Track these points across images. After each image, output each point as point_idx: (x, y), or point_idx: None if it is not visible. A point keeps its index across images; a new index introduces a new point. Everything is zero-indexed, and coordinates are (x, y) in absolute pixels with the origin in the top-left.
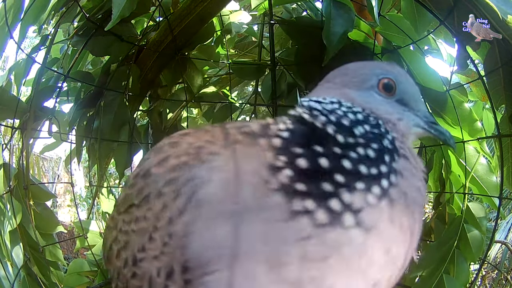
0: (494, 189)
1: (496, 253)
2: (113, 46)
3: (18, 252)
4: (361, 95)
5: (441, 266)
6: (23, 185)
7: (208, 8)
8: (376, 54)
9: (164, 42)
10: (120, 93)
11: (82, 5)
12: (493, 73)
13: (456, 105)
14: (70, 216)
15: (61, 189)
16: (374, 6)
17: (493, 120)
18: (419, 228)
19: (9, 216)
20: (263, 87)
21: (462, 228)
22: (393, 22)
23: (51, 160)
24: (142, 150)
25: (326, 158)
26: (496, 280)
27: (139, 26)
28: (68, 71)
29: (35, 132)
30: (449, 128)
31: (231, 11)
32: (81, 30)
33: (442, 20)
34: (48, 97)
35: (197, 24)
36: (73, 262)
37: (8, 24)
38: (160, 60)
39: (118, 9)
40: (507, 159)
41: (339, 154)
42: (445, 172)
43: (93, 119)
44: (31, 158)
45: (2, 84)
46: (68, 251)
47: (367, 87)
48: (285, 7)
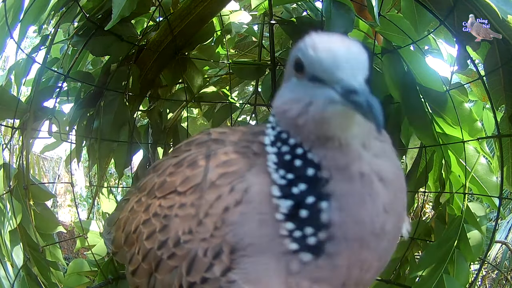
0: (494, 189)
1: (496, 253)
2: (113, 46)
3: (18, 252)
4: (288, 87)
5: (441, 266)
6: (23, 185)
7: (208, 8)
8: (376, 54)
9: (164, 42)
10: (120, 93)
11: (82, 5)
12: (493, 73)
13: (456, 105)
14: (70, 216)
15: (61, 189)
16: (374, 6)
17: (493, 120)
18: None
19: (9, 216)
20: (263, 87)
21: (462, 228)
22: (393, 22)
23: (52, 160)
24: (142, 150)
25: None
26: (496, 280)
27: (139, 26)
28: (68, 71)
29: (35, 132)
30: (449, 128)
31: (231, 11)
32: (81, 30)
33: (442, 20)
34: (48, 97)
35: (197, 24)
36: (73, 262)
37: (8, 24)
38: (160, 60)
39: (118, 9)
40: (507, 159)
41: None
42: (445, 172)
43: (93, 119)
44: (32, 158)
45: (2, 84)
46: (68, 251)
47: (291, 73)
48: (285, 7)
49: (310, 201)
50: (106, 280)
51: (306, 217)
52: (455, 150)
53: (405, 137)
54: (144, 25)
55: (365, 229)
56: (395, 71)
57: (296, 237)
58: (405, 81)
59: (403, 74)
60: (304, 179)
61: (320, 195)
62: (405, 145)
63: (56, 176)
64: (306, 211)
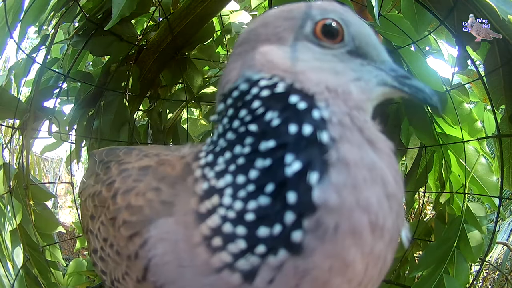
0: (494, 189)
1: (498, 255)
2: (113, 46)
3: (18, 252)
4: (288, 52)
5: (441, 266)
6: (23, 185)
7: (208, 8)
8: None
9: (164, 42)
10: (120, 93)
11: (82, 5)
12: (493, 73)
13: (456, 105)
14: (71, 217)
15: (62, 190)
16: (374, 6)
17: (493, 121)
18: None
19: (9, 216)
20: None
21: (462, 228)
22: (393, 22)
23: (52, 161)
24: None
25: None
26: (497, 281)
27: (139, 26)
28: (68, 71)
29: (35, 132)
30: (449, 128)
31: (231, 11)
32: (81, 30)
33: (442, 20)
34: (48, 97)
35: (197, 24)
36: (73, 262)
37: (8, 24)
38: (160, 60)
39: (118, 9)
40: (507, 159)
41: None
42: (445, 172)
43: (93, 119)
44: (32, 159)
45: (2, 84)
46: (68, 252)
47: (298, 37)
48: None
49: (295, 169)
50: None
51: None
52: (455, 150)
53: (405, 137)
54: (144, 25)
55: (367, 216)
56: None
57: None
58: None
59: None
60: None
61: (312, 163)
62: (405, 145)
63: (57, 177)
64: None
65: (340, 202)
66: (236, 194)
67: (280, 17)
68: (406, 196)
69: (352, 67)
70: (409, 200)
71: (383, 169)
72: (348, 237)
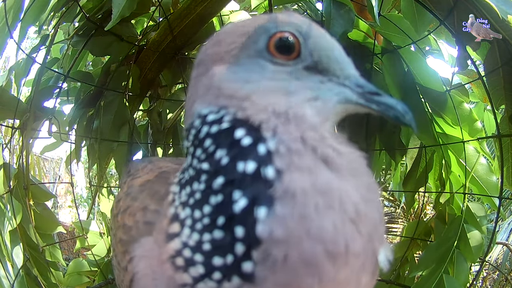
0: (494, 189)
1: (497, 255)
2: (113, 46)
3: (18, 252)
4: (236, 73)
5: (441, 266)
6: (23, 185)
7: (208, 8)
8: (376, 54)
9: (164, 42)
10: (120, 93)
11: (82, 5)
12: (493, 73)
13: (456, 105)
14: (71, 217)
15: (62, 190)
16: (374, 6)
17: (494, 121)
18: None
19: (9, 216)
20: None
21: (462, 228)
22: (393, 22)
23: (52, 161)
24: (141, 150)
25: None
26: (497, 281)
27: (139, 26)
28: (68, 71)
29: (35, 132)
30: (449, 128)
31: (231, 11)
32: (81, 30)
33: (442, 20)
34: (48, 97)
35: (197, 24)
36: (73, 262)
37: (8, 24)
38: (160, 60)
39: (118, 9)
40: (507, 159)
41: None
42: (445, 172)
43: (93, 119)
44: (32, 159)
45: (2, 84)
46: (68, 252)
47: (251, 54)
48: (285, 8)
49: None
50: (106, 280)
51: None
52: (455, 150)
53: (405, 137)
54: (144, 25)
55: (321, 245)
56: (395, 71)
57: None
58: (405, 81)
59: (403, 74)
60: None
61: (257, 198)
62: (405, 145)
63: (57, 177)
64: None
65: (286, 234)
66: (194, 226)
67: (234, 33)
68: (406, 196)
69: (309, 85)
70: (409, 200)
71: (343, 190)
72: (300, 267)
